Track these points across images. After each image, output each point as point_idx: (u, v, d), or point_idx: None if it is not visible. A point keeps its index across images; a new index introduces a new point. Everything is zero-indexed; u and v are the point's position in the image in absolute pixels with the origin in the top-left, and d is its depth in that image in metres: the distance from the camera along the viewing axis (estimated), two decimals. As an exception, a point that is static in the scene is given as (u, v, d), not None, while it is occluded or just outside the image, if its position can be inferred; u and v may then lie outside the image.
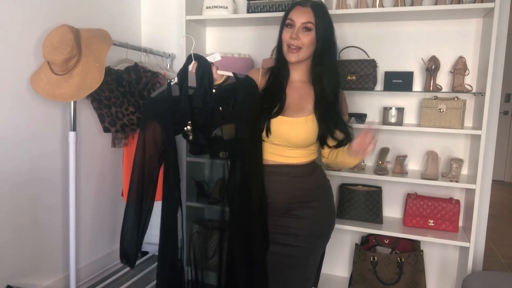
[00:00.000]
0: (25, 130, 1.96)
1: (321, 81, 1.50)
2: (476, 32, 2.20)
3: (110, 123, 2.05)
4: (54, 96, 1.81)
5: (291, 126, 1.47)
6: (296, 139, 1.47)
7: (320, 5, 1.49)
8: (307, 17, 1.45)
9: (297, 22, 1.45)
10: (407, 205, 2.28)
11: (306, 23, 1.44)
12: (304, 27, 1.45)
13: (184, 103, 1.39)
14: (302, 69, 1.54)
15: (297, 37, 1.44)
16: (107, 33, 2.00)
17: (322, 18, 1.47)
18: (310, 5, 1.47)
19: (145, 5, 2.77)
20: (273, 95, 1.51)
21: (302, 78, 1.56)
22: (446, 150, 2.31)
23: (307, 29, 1.45)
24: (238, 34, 2.61)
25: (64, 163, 2.14)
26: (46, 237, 2.12)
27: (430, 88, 2.20)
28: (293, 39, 1.44)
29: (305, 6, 1.46)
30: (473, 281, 1.87)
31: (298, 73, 1.55)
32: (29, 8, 1.92)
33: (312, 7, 1.46)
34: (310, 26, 1.45)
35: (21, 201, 1.97)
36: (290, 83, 1.56)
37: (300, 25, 1.45)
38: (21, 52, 1.90)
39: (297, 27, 1.45)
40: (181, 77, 1.42)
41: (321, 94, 1.50)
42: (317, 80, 1.51)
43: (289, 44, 1.46)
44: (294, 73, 1.55)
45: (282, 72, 1.55)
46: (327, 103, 1.49)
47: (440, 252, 2.39)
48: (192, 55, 1.43)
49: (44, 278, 2.13)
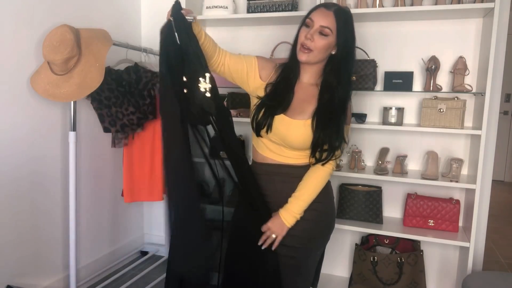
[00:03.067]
0: (25, 130, 1.96)
1: (332, 90, 1.45)
2: (476, 32, 2.20)
3: (110, 123, 2.05)
4: (54, 96, 1.81)
5: (290, 127, 1.44)
6: (293, 141, 1.44)
7: (345, 12, 1.43)
8: (327, 21, 1.38)
9: (316, 24, 1.39)
10: (407, 205, 2.28)
11: (324, 27, 1.38)
12: (321, 31, 1.38)
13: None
14: (312, 72, 1.49)
15: (311, 38, 1.38)
16: (107, 33, 2.00)
17: (344, 26, 1.41)
18: (334, 10, 1.40)
19: (145, 5, 2.77)
20: (281, 93, 1.47)
21: (311, 80, 1.51)
22: (446, 150, 2.31)
23: (324, 34, 1.39)
24: (238, 34, 2.61)
25: (64, 163, 2.14)
26: (46, 237, 2.12)
27: (430, 88, 2.20)
28: (307, 39, 1.39)
29: (329, 10, 1.40)
30: (473, 281, 1.87)
31: (307, 75, 1.50)
32: (29, 8, 1.92)
33: (335, 12, 1.40)
34: (327, 31, 1.38)
35: (21, 201, 1.97)
36: (298, 83, 1.51)
37: (318, 27, 1.38)
38: (21, 52, 1.90)
39: (314, 29, 1.39)
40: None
41: (327, 102, 1.44)
42: (326, 88, 1.46)
43: (303, 44, 1.41)
44: (304, 74, 1.51)
45: (293, 71, 1.50)
46: (331, 112, 1.43)
47: (440, 252, 2.39)
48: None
49: (44, 278, 2.13)
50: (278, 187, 1.50)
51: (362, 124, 2.23)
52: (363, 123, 2.24)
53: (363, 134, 2.40)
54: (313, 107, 1.46)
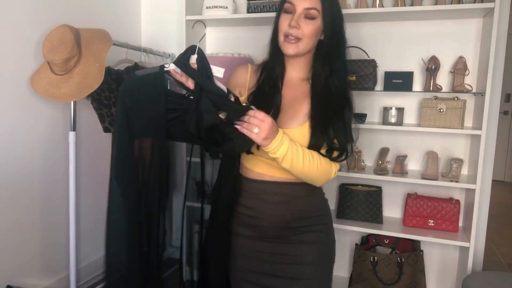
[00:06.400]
0: (25, 130, 1.95)
1: (326, 81, 1.25)
2: (476, 32, 2.20)
3: (110, 123, 2.05)
4: (54, 96, 1.81)
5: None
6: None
7: None
8: (311, 2, 1.18)
9: (298, 7, 1.19)
10: (407, 205, 2.28)
11: (310, 9, 1.18)
12: (306, 15, 1.19)
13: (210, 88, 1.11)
14: (301, 64, 1.29)
15: (297, 25, 1.18)
16: (107, 33, 2.00)
17: (330, 4, 1.21)
18: None
19: (145, 5, 2.77)
20: (267, 99, 1.25)
21: (300, 75, 1.30)
22: (446, 150, 2.31)
23: (310, 17, 1.19)
24: (238, 34, 2.61)
25: (64, 163, 2.14)
26: (46, 237, 2.12)
27: (430, 88, 2.20)
28: (292, 27, 1.18)
29: None
30: (473, 281, 1.87)
31: (296, 70, 1.30)
32: (29, 8, 1.92)
33: None
34: (314, 13, 1.18)
35: (21, 201, 1.97)
36: (286, 82, 1.30)
37: (302, 11, 1.18)
38: (21, 52, 1.90)
39: (298, 13, 1.19)
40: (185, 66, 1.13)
41: (324, 96, 1.24)
42: (319, 80, 1.26)
43: (287, 34, 1.20)
44: (291, 69, 1.30)
45: (277, 69, 1.29)
46: (329, 106, 1.24)
47: (440, 252, 2.39)
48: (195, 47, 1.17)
49: (44, 278, 2.13)
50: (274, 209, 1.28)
51: (362, 124, 2.23)
52: (363, 123, 2.24)
53: (363, 134, 2.40)
54: (307, 106, 1.26)
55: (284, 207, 1.28)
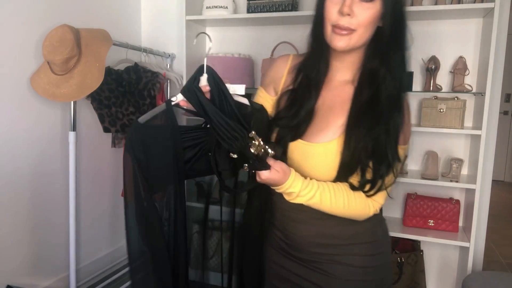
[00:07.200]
0: (25, 130, 1.95)
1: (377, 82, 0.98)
2: (476, 32, 2.20)
3: (110, 123, 2.05)
4: (54, 96, 1.81)
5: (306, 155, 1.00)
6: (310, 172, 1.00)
7: None
8: None
9: None
10: (407, 205, 2.28)
11: None
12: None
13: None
14: (350, 61, 1.02)
15: (350, 11, 0.90)
16: (107, 33, 2.00)
17: None
18: None
19: (145, 5, 2.77)
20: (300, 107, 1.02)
21: (344, 76, 1.04)
22: (446, 150, 2.31)
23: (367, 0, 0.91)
24: (238, 34, 2.61)
25: (64, 163, 2.14)
26: (46, 237, 2.12)
27: (430, 88, 2.20)
28: (345, 15, 0.91)
29: None
30: (473, 281, 1.87)
31: (340, 69, 1.04)
32: (29, 8, 1.92)
33: None
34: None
35: (21, 201, 1.97)
36: (327, 83, 1.05)
37: None
38: (21, 52, 1.90)
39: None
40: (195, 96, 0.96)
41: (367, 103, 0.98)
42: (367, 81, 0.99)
43: (337, 25, 0.93)
44: (334, 68, 1.04)
45: (321, 67, 1.03)
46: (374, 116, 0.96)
47: (440, 252, 2.38)
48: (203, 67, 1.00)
49: (44, 278, 2.13)
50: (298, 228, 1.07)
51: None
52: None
53: (363, 134, 2.40)
54: (343, 116, 0.99)
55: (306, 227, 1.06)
